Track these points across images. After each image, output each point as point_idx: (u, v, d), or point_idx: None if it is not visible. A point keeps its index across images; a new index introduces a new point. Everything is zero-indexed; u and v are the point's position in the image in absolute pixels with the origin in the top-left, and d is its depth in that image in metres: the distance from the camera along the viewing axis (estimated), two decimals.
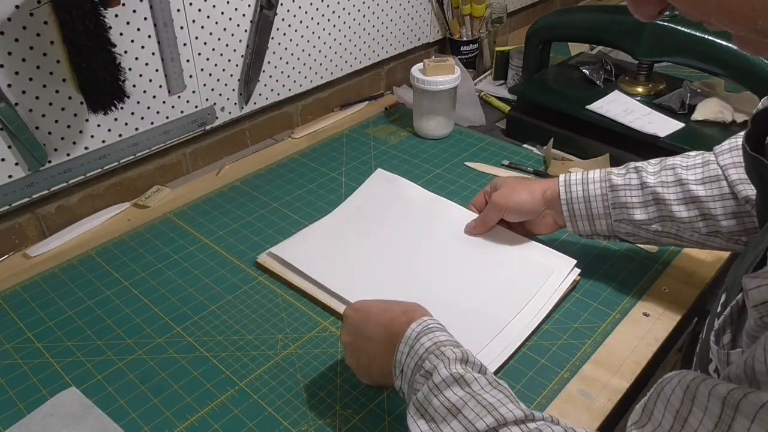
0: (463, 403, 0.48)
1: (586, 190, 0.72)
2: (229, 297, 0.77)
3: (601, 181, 0.72)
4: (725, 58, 0.91)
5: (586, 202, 0.72)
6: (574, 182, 0.73)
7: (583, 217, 0.73)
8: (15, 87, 0.77)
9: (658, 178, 0.69)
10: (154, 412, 0.63)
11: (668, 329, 0.71)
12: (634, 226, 0.71)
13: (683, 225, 0.68)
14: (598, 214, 0.72)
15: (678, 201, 0.67)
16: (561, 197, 0.73)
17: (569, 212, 0.73)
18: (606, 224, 0.72)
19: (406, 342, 0.55)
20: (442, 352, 0.52)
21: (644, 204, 0.69)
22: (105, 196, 0.93)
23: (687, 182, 0.67)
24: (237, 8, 0.95)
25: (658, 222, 0.69)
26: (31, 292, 0.79)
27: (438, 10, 1.30)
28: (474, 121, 1.15)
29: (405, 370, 0.54)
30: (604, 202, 0.71)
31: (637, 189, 0.70)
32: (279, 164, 1.04)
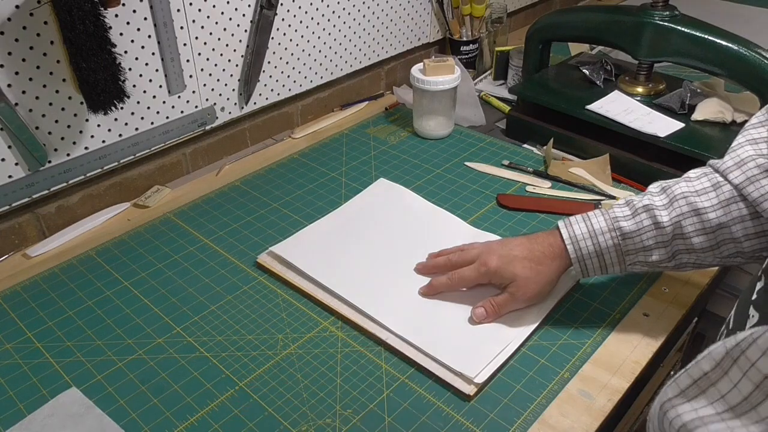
0: None
1: (596, 245, 0.68)
2: (229, 297, 0.77)
3: (610, 231, 0.67)
4: (725, 58, 0.91)
5: (598, 256, 0.69)
6: (581, 238, 0.68)
7: (596, 269, 0.70)
8: (15, 87, 0.77)
9: (672, 213, 0.65)
10: (154, 412, 0.63)
11: (668, 329, 0.71)
12: (650, 266, 0.69)
13: (704, 254, 0.66)
14: (612, 263, 0.69)
15: (697, 232, 0.65)
16: (571, 256, 0.69)
17: (581, 268, 0.70)
18: (620, 269, 0.70)
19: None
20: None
21: (661, 244, 0.66)
22: (105, 196, 0.93)
23: (705, 211, 0.64)
24: (237, 8, 0.95)
25: (677, 256, 0.67)
26: (31, 292, 0.79)
27: (438, 10, 1.30)
28: (474, 121, 1.15)
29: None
30: (617, 252, 0.68)
31: (651, 230, 0.66)
32: (279, 164, 1.04)
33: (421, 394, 0.65)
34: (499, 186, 0.96)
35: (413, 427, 0.61)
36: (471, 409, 0.63)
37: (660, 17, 0.95)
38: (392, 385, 0.66)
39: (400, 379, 0.66)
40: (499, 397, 0.64)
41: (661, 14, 0.95)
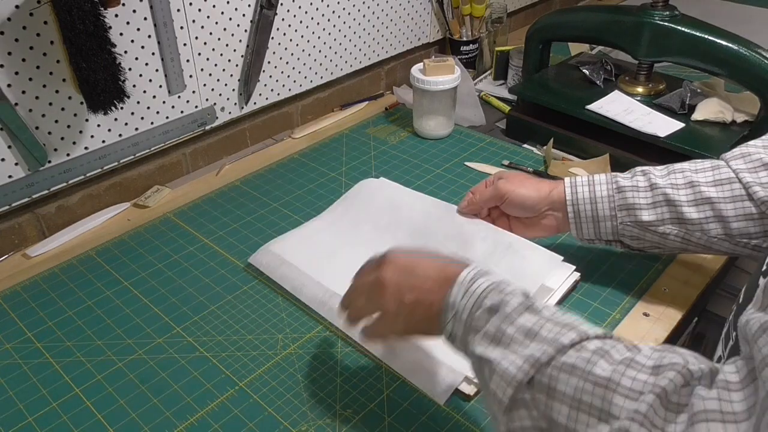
0: (540, 325, 0.48)
1: (592, 192, 0.72)
2: (229, 297, 0.77)
3: (607, 183, 0.71)
4: (725, 58, 0.91)
5: (592, 203, 0.72)
6: (580, 183, 0.73)
7: (588, 219, 0.72)
8: (15, 87, 0.77)
9: (667, 180, 0.69)
10: (154, 412, 0.63)
11: (668, 329, 0.71)
12: (640, 229, 0.70)
13: (693, 227, 0.68)
14: (604, 216, 0.71)
15: (689, 202, 0.67)
16: (567, 198, 0.73)
17: (574, 213, 0.73)
18: (611, 227, 0.71)
19: (460, 284, 0.53)
20: (502, 290, 0.51)
21: (653, 205, 0.69)
22: (105, 196, 0.93)
23: (698, 184, 0.67)
24: (237, 8, 0.95)
25: (668, 223, 0.69)
26: (31, 292, 0.79)
27: (438, 10, 1.30)
28: (474, 121, 1.15)
29: (460, 311, 0.52)
30: (610, 203, 0.71)
31: (645, 190, 0.69)
32: (279, 164, 1.04)
33: (421, 394, 0.65)
34: None
35: (413, 427, 0.61)
36: (471, 409, 0.63)
37: (660, 17, 0.95)
38: (392, 385, 0.66)
39: (400, 379, 0.66)
40: None
41: (661, 14, 0.95)
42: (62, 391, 0.66)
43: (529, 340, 0.47)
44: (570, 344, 0.45)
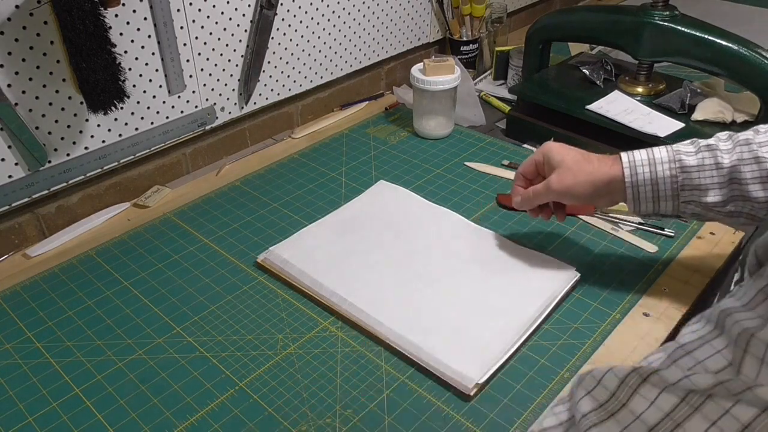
0: None
1: (653, 172, 0.67)
2: (229, 297, 0.77)
3: (670, 162, 0.67)
4: (725, 58, 0.91)
5: (653, 184, 0.68)
6: (639, 163, 0.68)
7: (648, 200, 0.69)
8: (15, 87, 0.77)
9: (734, 156, 0.64)
10: (154, 412, 0.63)
11: (668, 329, 0.71)
12: (702, 207, 0.67)
13: (758, 205, 0.64)
14: (665, 196, 0.68)
15: (754, 180, 0.63)
16: (626, 180, 0.68)
17: (633, 195, 0.69)
18: (672, 206, 0.68)
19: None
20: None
21: (719, 185, 0.65)
22: (105, 196, 0.93)
23: (765, 160, 0.63)
24: (237, 8, 0.95)
25: (731, 203, 0.66)
26: (31, 292, 0.79)
27: (438, 10, 1.30)
28: (474, 121, 1.15)
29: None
30: (673, 184, 0.67)
31: (711, 169, 0.65)
32: (279, 164, 1.04)
33: (421, 394, 0.65)
34: (499, 186, 0.96)
35: (413, 427, 0.61)
36: (471, 409, 0.63)
37: (660, 17, 0.95)
38: (392, 385, 0.66)
39: (400, 379, 0.66)
40: (499, 397, 0.64)
41: (661, 14, 0.95)
42: (62, 391, 0.66)
43: None
44: None
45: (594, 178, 0.70)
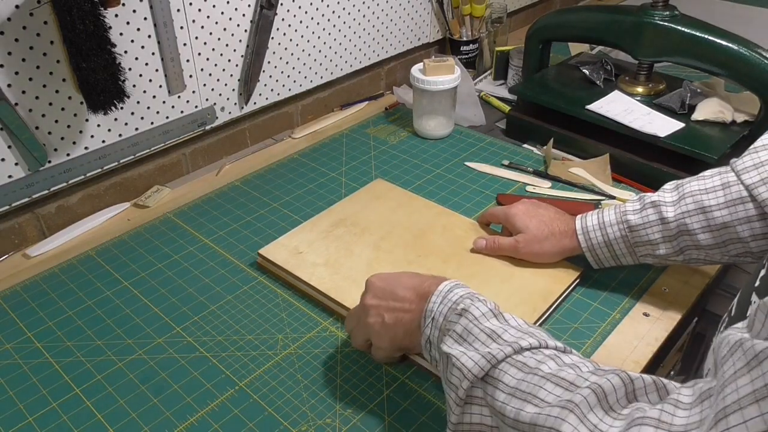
0: (503, 330, 0.52)
1: (605, 235, 0.72)
2: (229, 297, 0.77)
3: (618, 224, 0.71)
4: (725, 58, 0.91)
5: (608, 246, 0.72)
6: (591, 229, 0.73)
7: (608, 259, 0.74)
8: (15, 87, 0.77)
9: (678, 210, 0.67)
10: (154, 412, 0.63)
11: (668, 329, 0.71)
12: (660, 258, 0.71)
13: (711, 251, 0.67)
14: (623, 254, 0.72)
15: (703, 229, 0.66)
16: (582, 246, 0.73)
17: (593, 257, 0.74)
18: (632, 259, 0.73)
19: (438, 294, 0.58)
20: (476, 298, 0.56)
21: (668, 239, 0.68)
22: (105, 196, 0.93)
23: (710, 209, 0.65)
24: (237, 8, 0.95)
25: (685, 251, 0.69)
26: (31, 292, 0.79)
27: (438, 10, 1.30)
28: (474, 121, 1.15)
29: (437, 316, 0.57)
30: (625, 242, 0.71)
31: (657, 225, 0.68)
32: (279, 164, 1.04)
33: (421, 394, 0.65)
34: (499, 186, 0.96)
35: (413, 427, 0.61)
36: None
37: (660, 17, 0.95)
38: (392, 385, 0.66)
39: (400, 379, 0.66)
40: None
41: (661, 14, 0.95)
42: (62, 391, 0.66)
43: (492, 340, 0.51)
44: (528, 347, 0.49)
45: (558, 249, 0.75)
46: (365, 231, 0.84)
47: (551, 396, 0.44)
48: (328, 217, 0.87)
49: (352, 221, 0.85)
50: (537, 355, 0.48)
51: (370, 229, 0.84)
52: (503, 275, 0.76)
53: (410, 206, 0.89)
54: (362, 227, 0.84)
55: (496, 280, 0.76)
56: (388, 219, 0.85)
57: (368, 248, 0.81)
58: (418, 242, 0.81)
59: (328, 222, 0.86)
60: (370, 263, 0.78)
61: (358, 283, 0.73)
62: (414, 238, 0.82)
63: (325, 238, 0.82)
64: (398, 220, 0.85)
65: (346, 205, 0.89)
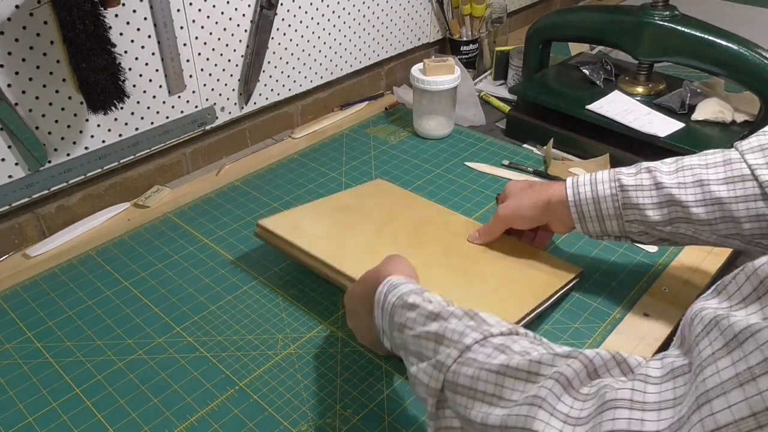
0: (444, 328, 0.50)
1: (594, 191, 0.70)
2: (229, 297, 0.77)
3: (610, 181, 0.69)
4: (725, 58, 0.91)
5: (595, 203, 0.70)
6: (581, 183, 0.71)
7: (593, 219, 0.71)
8: (15, 87, 0.77)
9: (674, 179, 0.66)
10: (154, 412, 0.63)
11: (668, 329, 0.71)
12: (646, 226, 0.68)
13: (701, 226, 0.65)
14: (608, 215, 0.70)
15: (697, 203, 0.64)
16: (569, 199, 0.71)
17: (578, 214, 0.71)
18: (617, 225, 0.70)
19: (378, 306, 0.57)
20: (405, 302, 0.54)
21: (658, 205, 0.66)
22: (105, 196, 0.93)
23: (708, 182, 0.64)
24: (237, 8, 0.95)
25: (675, 223, 0.67)
26: (31, 292, 0.79)
27: (438, 10, 1.30)
28: (474, 121, 1.15)
29: (386, 330, 0.57)
30: (614, 202, 0.69)
31: (650, 189, 0.67)
32: (279, 164, 1.04)
33: None
34: (499, 186, 0.96)
35: (413, 427, 0.61)
36: None
37: (660, 17, 0.95)
38: (392, 385, 0.66)
39: (400, 379, 0.66)
40: None
41: (661, 14, 0.95)
42: (62, 391, 0.66)
43: (437, 344, 0.49)
44: (473, 343, 0.47)
45: (536, 200, 0.74)
46: (366, 218, 0.83)
47: (515, 393, 0.43)
48: (329, 202, 0.86)
49: (354, 208, 0.85)
50: (485, 347, 0.47)
51: (371, 217, 0.83)
52: (502, 268, 0.76)
53: (411, 203, 0.88)
54: (364, 214, 0.83)
55: (495, 272, 0.75)
56: (389, 210, 0.85)
57: (369, 231, 0.79)
58: (419, 232, 0.81)
59: (329, 206, 0.85)
60: (371, 245, 0.77)
61: (358, 256, 0.72)
62: (415, 229, 0.81)
63: (326, 217, 0.81)
64: (399, 212, 0.85)
65: (348, 196, 0.89)
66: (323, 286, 0.78)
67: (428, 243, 0.79)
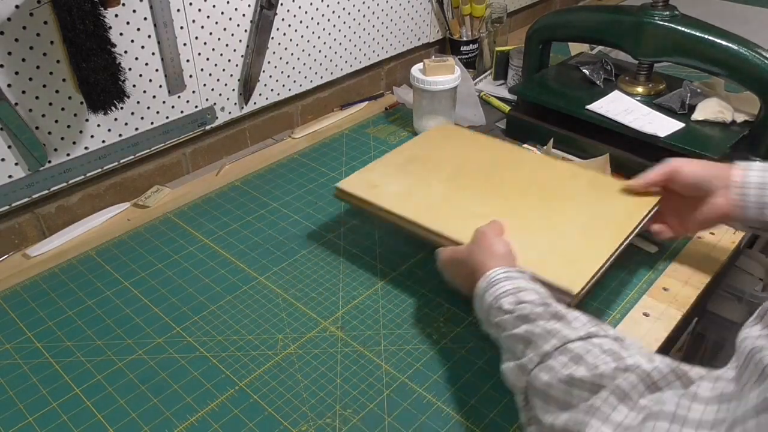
0: (531, 332, 0.54)
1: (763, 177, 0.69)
2: (229, 297, 0.77)
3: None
4: (725, 58, 0.91)
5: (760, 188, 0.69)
6: (752, 168, 0.69)
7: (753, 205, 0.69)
8: (15, 87, 0.77)
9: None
10: (154, 412, 0.63)
11: (668, 329, 0.71)
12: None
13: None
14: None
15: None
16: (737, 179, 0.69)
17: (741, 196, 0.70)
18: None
19: (478, 298, 0.62)
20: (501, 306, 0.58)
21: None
22: (105, 196, 0.93)
23: None
24: (237, 8, 0.95)
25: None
26: (31, 292, 0.79)
27: (438, 10, 1.30)
28: (474, 121, 1.15)
29: (483, 320, 0.62)
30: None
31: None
32: (279, 164, 1.04)
33: (421, 394, 0.65)
34: None
35: (413, 427, 0.61)
36: (471, 409, 0.63)
37: (660, 17, 0.95)
38: (392, 385, 0.66)
39: (400, 379, 0.66)
40: (499, 396, 0.64)
41: (661, 14, 0.95)
42: (62, 391, 0.66)
43: (525, 347, 0.54)
44: (552, 350, 0.51)
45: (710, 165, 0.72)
46: (437, 167, 0.84)
47: (581, 402, 0.47)
48: (399, 154, 0.88)
49: (424, 158, 0.86)
50: (563, 355, 0.51)
51: (442, 165, 0.84)
52: (583, 203, 0.76)
53: (479, 145, 0.89)
54: (434, 163, 0.85)
55: (577, 208, 0.75)
56: (459, 155, 0.86)
57: (445, 182, 0.81)
58: (493, 175, 0.82)
59: (400, 159, 0.86)
60: (450, 197, 0.78)
61: (442, 211, 0.76)
62: (488, 173, 0.82)
63: (399, 171, 0.83)
64: (469, 157, 0.86)
65: (415, 145, 0.90)
66: (323, 286, 0.78)
67: (505, 186, 0.80)
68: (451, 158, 0.86)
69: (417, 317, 0.74)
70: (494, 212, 0.73)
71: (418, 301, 0.76)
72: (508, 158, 0.86)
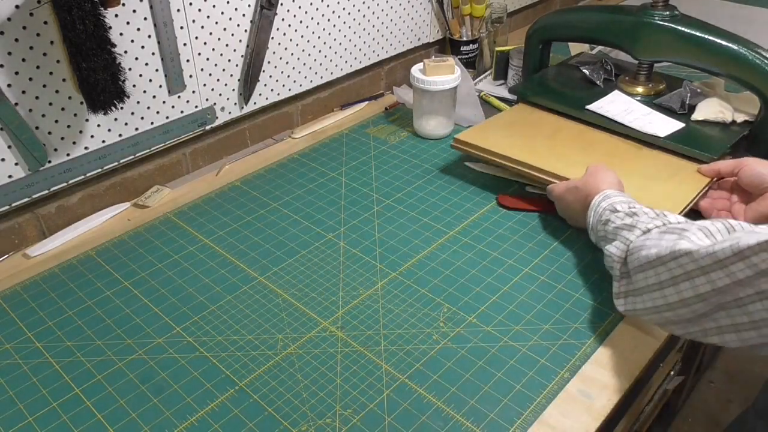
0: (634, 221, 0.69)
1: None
2: (229, 297, 0.77)
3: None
4: (725, 58, 0.91)
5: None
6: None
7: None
8: (15, 87, 0.77)
9: None
10: (154, 412, 0.63)
11: None
12: None
13: None
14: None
15: None
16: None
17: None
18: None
19: (592, 209, 0.76)
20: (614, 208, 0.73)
21: None
22: (105, 196, 0.93)
23: None
24: (237, 8, 0.95)
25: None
26: (31, 292, 0.79)
27: (438, 10, 1.30)
28: (474, 121, 1.15)
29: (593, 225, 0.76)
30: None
31: None
32: (279, 164, 1.04)
33: (421, 394, 0.65)
34: (499, 186, 0.96)
35: (413, 427, 0.61)
36: (471, 409, 0.63)
37: (660, 17, 0.95)
38: (392, 385, 0.66)
39: (400, 379, 0.66)
40: (499, 397, 0.64)
41: (661, 14, 0.95)
42: (62, 391, 0.66)
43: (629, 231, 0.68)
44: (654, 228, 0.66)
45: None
46: (536, 129, 0.98)
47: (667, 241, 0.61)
48: (498, 119, 1.01)
49: (521, 123, 1.00)
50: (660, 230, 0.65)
51: (540, 128, 0.98)
52: (659, 166, 0.89)
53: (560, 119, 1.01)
54: (532, 127, 0.99)
55: (655, 168, 0.89)
56: (551, 123, 1.00)
57: (545, 139, 0.95)
58: (582, 139, 0.96)
59: (500, 123, 1.00)
60: (551, 147, 0.92)
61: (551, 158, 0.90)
62: (578, 136, 0.96)
63: (503, 130, 0.97)
64: (559, 124, 1.00)
65: (508, 115, 1.03)
66: (323, 286, 0.78)
67: (594, 147, 0.94)
68: (546, 124, 1.00)
69: (417, 317, 0.74)
70: (593, 161, 0.85)
71: (418, 301, 0.76)
72: (590, 129, 0.99)
